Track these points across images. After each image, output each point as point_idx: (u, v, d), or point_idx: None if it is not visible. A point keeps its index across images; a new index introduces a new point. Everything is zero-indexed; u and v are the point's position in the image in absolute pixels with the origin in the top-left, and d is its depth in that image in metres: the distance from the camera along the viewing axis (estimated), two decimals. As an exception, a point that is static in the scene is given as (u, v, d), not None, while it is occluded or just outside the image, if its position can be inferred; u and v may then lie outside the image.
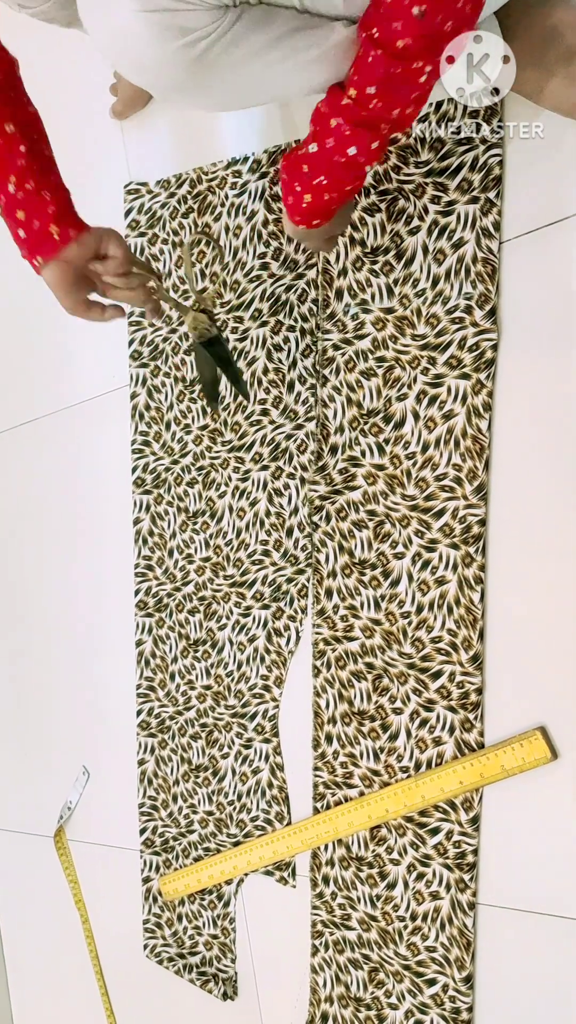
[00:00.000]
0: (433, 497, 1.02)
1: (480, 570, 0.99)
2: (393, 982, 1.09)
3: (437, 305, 1.01)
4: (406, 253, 1.03)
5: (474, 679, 1.00)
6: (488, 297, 0.97)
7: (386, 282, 1.05)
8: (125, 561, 1.37)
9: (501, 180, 0.96)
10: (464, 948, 1.02)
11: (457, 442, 1.00)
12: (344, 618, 1.11)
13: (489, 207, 0.96)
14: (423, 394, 1.02)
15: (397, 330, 1.04)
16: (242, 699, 1.23)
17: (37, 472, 1.54)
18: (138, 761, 1.37)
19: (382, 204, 1.04)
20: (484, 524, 0.99)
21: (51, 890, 1.56)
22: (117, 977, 1.48)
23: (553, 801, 0.97)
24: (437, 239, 1.01)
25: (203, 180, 1.23)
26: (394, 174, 1.03)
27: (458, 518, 1.00)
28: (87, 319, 0.91)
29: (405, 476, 1.04)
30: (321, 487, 1.12)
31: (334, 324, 1.10)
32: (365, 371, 1.07)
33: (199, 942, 1.32)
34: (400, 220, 1.03)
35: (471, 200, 0.98)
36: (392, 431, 1.05)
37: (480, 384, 0.98)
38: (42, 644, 1.56)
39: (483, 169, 0.97)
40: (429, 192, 1.00)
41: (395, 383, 1.05)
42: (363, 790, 1.11)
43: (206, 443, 1.25)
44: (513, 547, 0.98)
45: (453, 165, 0.99)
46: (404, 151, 1.02)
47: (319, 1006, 1.17)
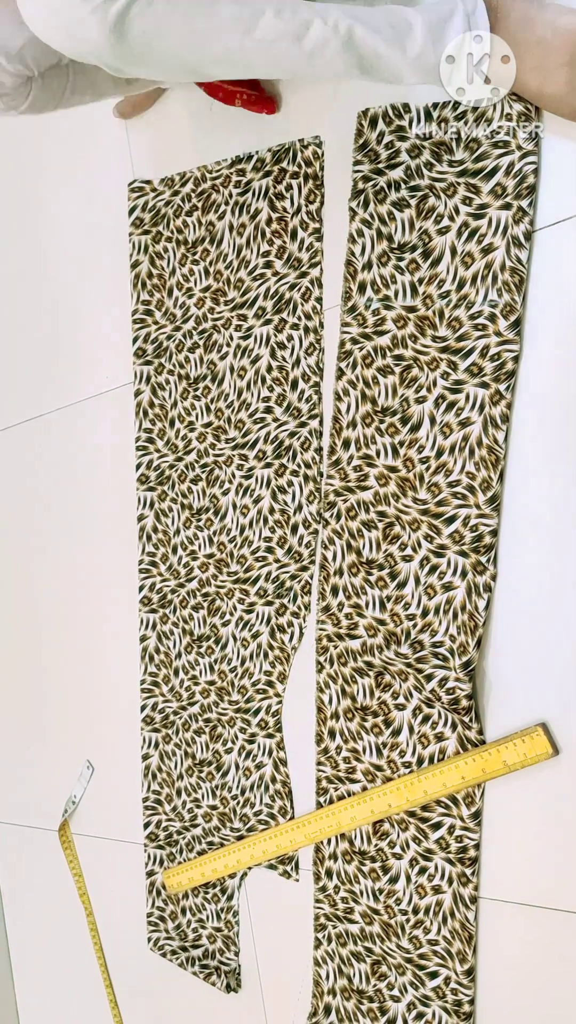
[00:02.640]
0: (445, 503, 1.02)
1: (492, 579, 0.99)
2: (395, 975, 1.10)
3: (460, 309, 0.99)
4: (433, 252, 1.02)
5: (464, 686, 1.01)
6: (513, 308, 0.96)
7: (411, 280, 1.04)
8: (129, 557, 1.38)
9: (535, 189, 0.94)
10: (466, 941, 1.03)
11: (472, 450, 0.99)
12: (349, 616, 1.11)
13: (521, 216, 0.94)
14: (442, 399, 1.01)
15: (418, 330, 1.03)
16: (245, 695, 1.24)
17: (41, 469, 1.55)
18: (142, 756, 1.38)
19: (412, 200, 1.03)
20: (496, 535, 0.99)
21: (56, 883, 1.57)
22: (121, 970, 1.49)
23: (554, 796, 0.97)
24: (467, 242, 0.99)
25: (207, 178, 1.23)
26: (426, 170, 1.01)
27: (469, 526, 1.00)
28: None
29: (418, 480, 1.04)
30: (336, 481, 1.12)
31: (354, 318, 1.09)
32: (382, 368, 1.07)
33: (202, 935, 1.33)
34: (430, 218, 1.02)
35: (503, 206, 0.96)
36: (408, 433, 1.05)
37: (499, 395, 0.97)
38: (46, 639, 1.57)
39: (518, 175, 0.94)
40: (461, 192, 0.99)
41: (412, 383, 1.04)
42: (366, 785, 1.12)
43: (210, 440, 1.26)
44: (521, 554, 0.98)
45: (488, 168, 0.97)
46: (438, 147, 1.00)
47: (322, 998, 1.18)
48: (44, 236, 1.49)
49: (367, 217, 1.06)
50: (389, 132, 1.04)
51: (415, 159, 1.02)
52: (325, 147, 1.11)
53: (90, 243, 1.42)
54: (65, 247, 1.47)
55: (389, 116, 1.04)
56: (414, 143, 1.02)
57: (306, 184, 1.13)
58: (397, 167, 1.04)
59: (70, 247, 1.46)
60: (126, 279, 1.34)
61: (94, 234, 1.41)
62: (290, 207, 1.15)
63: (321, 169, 1.12)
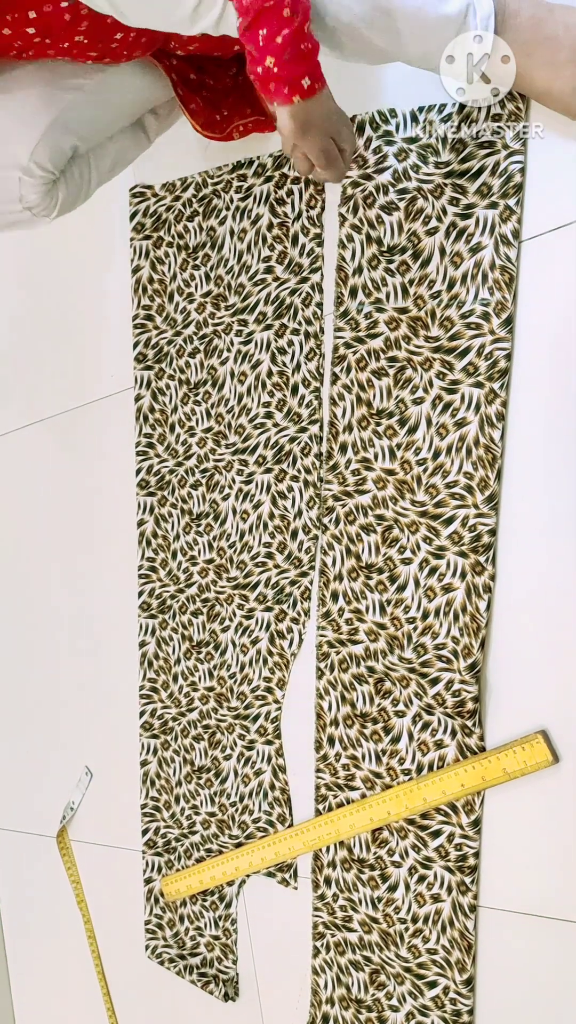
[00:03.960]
0: (443, 504, 1.02)
1: (491, 579, 0.99)
2: (394, 984, 1.10)
3: (452, 308, 1.00)
4: (423, 254, 1.02)
5: (471, 688, 1.01)
6: (505, 305, 0.96)
7: (401, 282, 1.04)
8: (129, 563, 1.37)
9: (522, 188, 0.95)
10: (465, 951, 1.03)
11: (469, 450, 1.00)
12: (349, 621, 1.11)
13: (508, 214, 0.96)
14: (438, 399, 1.02)
15: (411, 331, 1.04)
16: (244, 701, 1.24)
17: (42, 474, 1.55)
18: (141, 762, 1.38)
19: (400, 203, 1.04)
20: (494, 534, 0.99)
21: (53, 890, 1.57)
22: (119, 977, 1.49)
23: (554, 804, 0.97)
24: (455, 242, 1.00)
25: (208, 184, 1.23)
26: (413, 173, 1.02)
27: (468, 526, 1.00)
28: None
29: (415, 482, 1.04)
30: (335, 486, 1.12)
31: (347, 322, 1.09)
32: (376, 371, 1.07)
33: (200, 943, 1.33)
34: (418, 220, 1.02)
35: (490, 205, 0.97)
36: (405, 435, 1.05)
37: (494, 393, 0.98)
38: (46, 645, 1.56)
39: (504, 175, 0.96)
40: (448, 193, 1.00)
41: (406, 384, 1.05)
42: (365, 792, 1.11)
43: (210, 446, 1.25)
44: (520, 555, 0.98)
45: (474, 168, 0.98)
46: (425, 150, 1.01)
47: (320, 1007, 1.18)
48: (45, 241, 1.49)
49: (356, 222, 1.07)
50: (376, 137, 1.05)
51: (402, 162, 1.03)
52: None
53: (91, 248, 1.42)
54: (66, 252, 1.47)
55: (376, 122, 1.05)
56: (401, 147, 1.03)
57: (307, 189, 1.14)
58: (385, 171, 1.04)
59: (71, 252, 1.46)
60: (127, 284, 1.34)
61: (95, 239, 1.41)
62: (291, 212, 1.15)
63: None
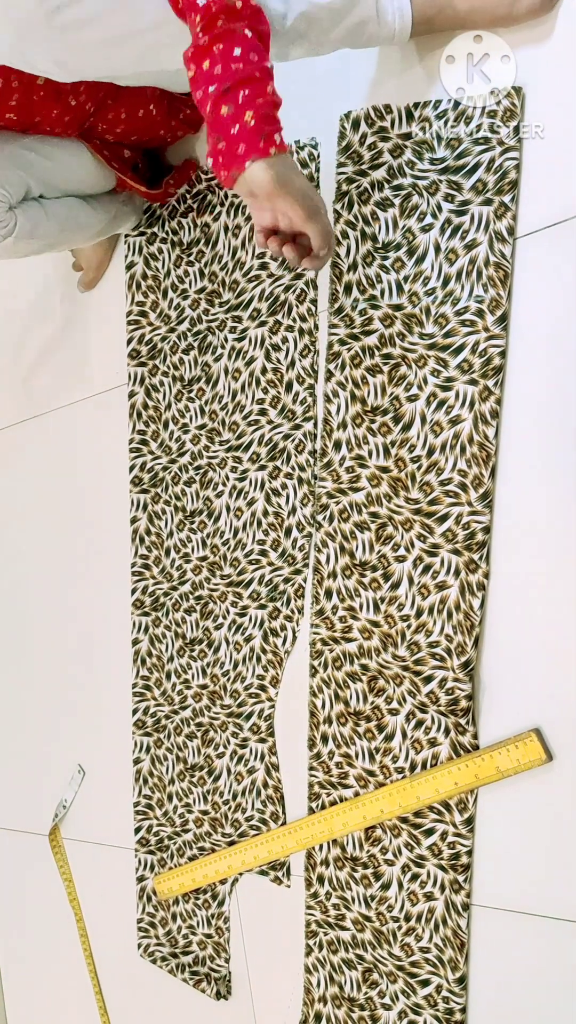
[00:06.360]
0: (437, 502, 1.02)
1: (484, 577, 0.98)
2: (387, 983, 1.10)
3: (447, 305, 1.00)
4: (418, 250, 1.02)
5: (464, 685, 1.00)
6: (499, 302, 0.96)
7: (396, 278, 1.04)
8: (122, 560, 1.37)
9: (517, 184, 0.95)
10: (458, 949, 1.02)
11: (463, 448, 1.00)
12: (343, 619, 1.11)
13: (503, 210, 0.95)
14: (433, 396, 1.02)
15: (405, 327, 1.04)
16: (238, 699, 1.23)
17: (35, 470, 1.54)
18: (133, 760, 1.37)
19: (395, 199, 1.03)
20: (488, 532, 0.98)
21: (45, 888, 1.56)
22: (111, 976, 1.48)
23: (548, 803, 0.97)
24: (450, 238, 1.00)
25: (202, 179, 1.23)
26: (408, 169, 1.02)
27: (462, 524, 1.00)
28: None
29: (409, 479, 1.04)
30: (329, 483, 1.11)
31: (341, 319, 1.09)
32: (371, 367, 1.07)
33: (193, 941, 1.32)
34: (413, 216, 1.02)
35: (485, 202, 0.97)
36: (400, 433, 1.05)
37: (488, 391, 0.97)
38: (38, 642, 1.56)
39: (499, 171, 0.95)
40: (443, 190, 0.99)
41: (401, 381, 1.04)
42: (358, 790, 1.11)
43: (204, 442, 1.25)
44: (514, 553, 0.98)
45: (469, 164, 0.98)
46: (420, 146, 1.01)
47: (312, 1006, 1.17)
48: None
49: (351, 219, 1.07)
50: (371, 133, 1.04)
51: (397, 158, 1.03)
52: (321, 149, 1.11)
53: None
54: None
55: (371, 118, 1.04)
56: (396, 143, 1.02)
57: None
58: (380, 167, 1.04)
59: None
60: (121, 280, 1.34)
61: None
62: (286, 209, 1.14)
63: (317, 171, 1.12)
